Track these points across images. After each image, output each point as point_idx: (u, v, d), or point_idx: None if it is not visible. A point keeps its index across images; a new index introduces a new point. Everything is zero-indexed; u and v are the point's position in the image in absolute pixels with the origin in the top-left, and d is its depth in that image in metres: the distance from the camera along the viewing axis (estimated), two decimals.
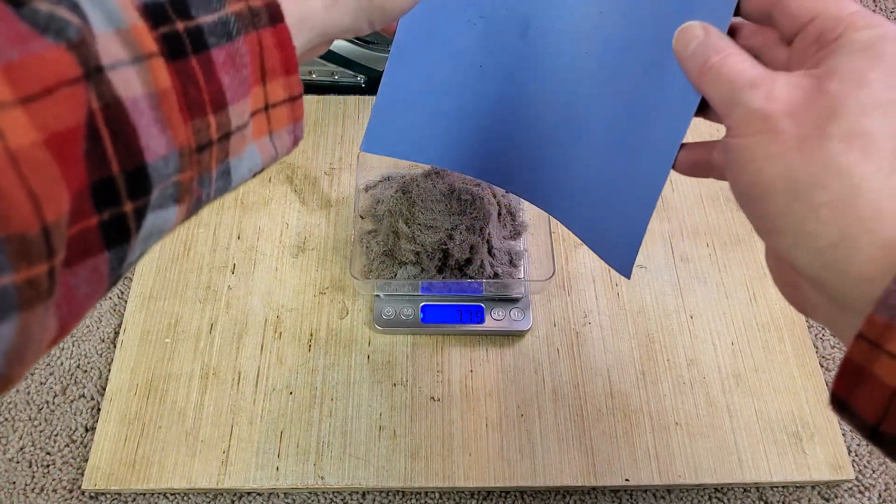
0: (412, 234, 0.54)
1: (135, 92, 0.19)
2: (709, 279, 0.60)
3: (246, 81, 0.23)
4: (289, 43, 0.24)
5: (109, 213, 0.19)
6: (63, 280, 0.19)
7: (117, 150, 0.19)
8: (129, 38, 0.19)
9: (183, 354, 0.56)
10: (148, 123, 0.20)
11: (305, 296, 0.59)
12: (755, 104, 0.25)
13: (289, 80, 0.25)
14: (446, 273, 0.57)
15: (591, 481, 0.51)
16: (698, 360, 0.56)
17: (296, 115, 0.26)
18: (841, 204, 0.22)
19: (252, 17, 0.23)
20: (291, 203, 0.64)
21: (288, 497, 0.52)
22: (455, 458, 0.52)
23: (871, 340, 0.21)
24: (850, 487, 0.53)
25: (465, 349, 0.57)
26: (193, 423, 0.53)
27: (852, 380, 0.22)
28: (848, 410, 0.23)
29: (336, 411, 0.54)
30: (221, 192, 0.25)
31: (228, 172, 0.24)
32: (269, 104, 0.25)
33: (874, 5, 0.82)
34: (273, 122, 0.25)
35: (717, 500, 0.52)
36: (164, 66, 0.20)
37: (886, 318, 0.20)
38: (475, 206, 0.55)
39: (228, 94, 0.22)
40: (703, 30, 0.28)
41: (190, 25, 0.21)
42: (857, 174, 0.22)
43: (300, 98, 0.26)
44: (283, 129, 0.26)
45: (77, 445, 0.53)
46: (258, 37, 0.23)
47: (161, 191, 0.21)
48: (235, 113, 0.23)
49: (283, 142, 0.27)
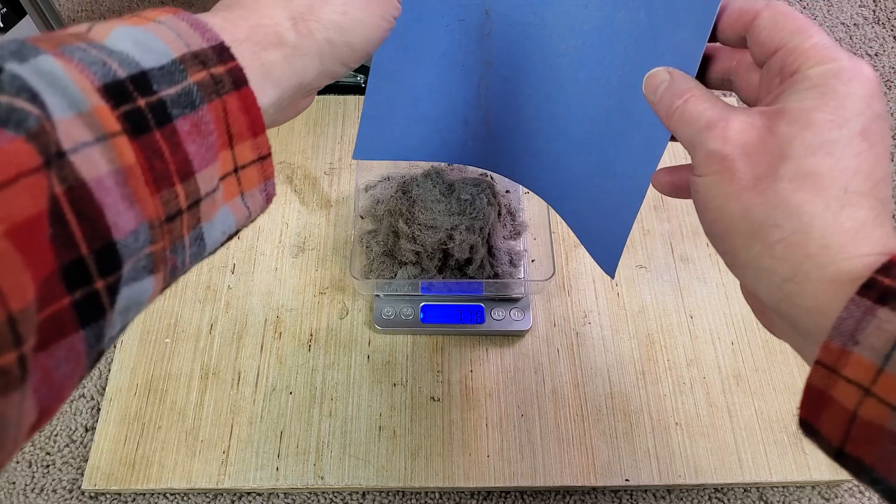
0: (412, 234, 0.54)
1: (99, 171, 0.20)
2: (709, 279, 0.60)
3: (213, 147, 0.23)
4: (254, 105, 0.25)
5: (81, 292, 0.20)
6: (39, 364, 0.19)
7: (84, 230, 0.19)
8: (91, 119, 0.20)
9: (183, 354, 0.56)
10: (114, 201, 0.20)
11: (305, 296, 0.59)
12: (711, 145, 0.26)
13: (256, 141, 0.25)
14: (446, 273, 0.57)
15: (591, 481, 0.51)
16: (698, 360, 0.56)
17: (266, 174, 0.27)
18: (793, 241, 0.24)
19: (215, 84, 0.23)
20: (291, 203, 0.64)
21: (288, 497, 0.52)
22: (455, 458, 0.52)
23: (828, 366, 0.22)
24: (850, 487, 0.53)
25: (465, 349, 0.57)
26: (193, 423, 0.53)
27: (815, 404, 0.23)
28: (815, 434, 0.24)
29: (336, 411, 0.54)
30: (197, 258, 0.25)
31: (202, 237, 0.24)
32: (238, 166, 0.25)
33: (874, 4, 0.82)
34: (243, 182, 0.26)
35: (717, 500, 0.52)
36: (127, 142, 0.20)
37: (839, 344, 0.22)
38: (475, 206, 0.55)
39: (195, 161, 0.22)
40: (669, 74, 0.30)
41: (152, 100, 0.21)
42: (807, 212, 0.23)
43: (269, 157, 0.26)
44: (254, 188, 0.26)
45: (77, 445, 0.53)
46: (223, 103, 0.23)
47: (133, 264, 0.21)
48: (204, 179, 0.23)
49: (255, 201, 0.27)
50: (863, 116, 0.24)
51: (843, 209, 0.23)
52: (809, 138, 0.24)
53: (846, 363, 0.22)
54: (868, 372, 0.21)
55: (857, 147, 0.24)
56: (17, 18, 0.61)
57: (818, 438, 0.24)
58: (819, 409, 0.23)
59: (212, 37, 0.24)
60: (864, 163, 0.24)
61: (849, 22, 0.81)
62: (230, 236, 0.27)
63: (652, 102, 0.30)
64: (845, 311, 0.22)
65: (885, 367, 0.21)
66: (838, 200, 0.23)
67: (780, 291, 0.24)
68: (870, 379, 0.21)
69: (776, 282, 0.24)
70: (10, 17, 0.61)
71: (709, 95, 0.28)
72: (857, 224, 0.23)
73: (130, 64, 0.21)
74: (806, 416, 0.24)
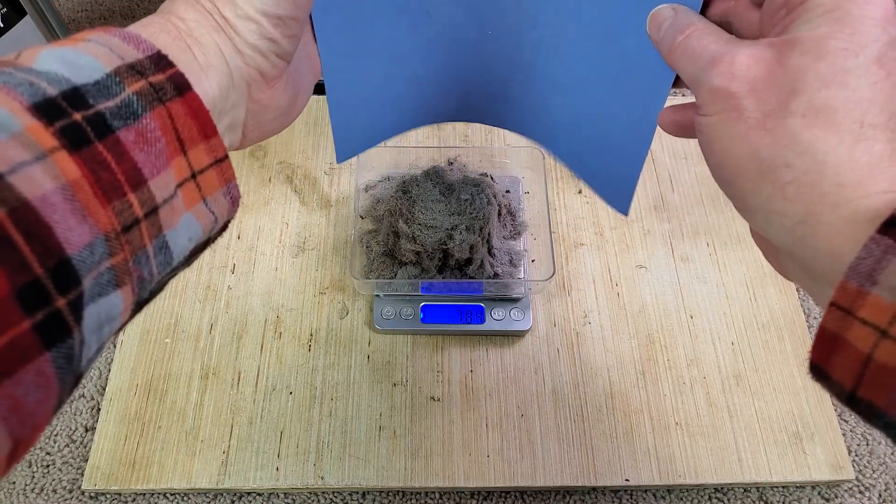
0: (412, 234, 0.54)
1: (43, 189, 0.19)
2: (709, 279, 0.60)
3: (163, 154, 0.23)
4: (201, 109, 0.24)
5: (42, 313, 0.19)
6: (4, 392, 0.19)
7: (35, 249, 0.19)
8: (25, 139, 0.19)
9: (183, 354, 0.56)
10: (63, 216, 0.20)
11: (305, 296, 0.59)
12: (716, 82, 0.25)
13: (210, 145, 0.25)
14: (446, 273, 0.57)
15: (591, 481, 0.51)
16: (698, 360, 0.56)
17: (226, 177, 0.26)
18: (806, 181, 0.23)
19: (156, 92, 0.23)
20: (291, 203, 0.64)
21: (288, 497, 0.52)
22: (455, 458, 0.52)
23: (844, 308, 0.21)
24: (850, 487, 0.53)
25: (465, 349, 0.57)
26: (193, 423, 0.53)
27: (828, 347, 0.22)
28: (826, 378, 0.23)
29: (336, 411, 0.54)
30: (166, 267, 0.25)
31: (166, 246, 0.24)
32: (195, 171, 0.25)
33: None
34: (204, 188, 0.25)
35: (717, 500, 0.52)
36: (68, 157, 0.20)
37: (856, 285, 0.21)
38: (475, 206, 0.55)
39: (145, 170, 0.22)
40: (673, 10, 0.29)
41: (88, 114, 0.21)
42: (821, 150, 0.22)
43: (226, 160, 0.26)
44: (216, 192, 0.26)
45: (77, 445, 0.53)
46: (167, 110, 0.23)
47: (95, 279, 0.21)
48: (158, 186, 0.23)
49: (220, 205, 0.27)
50: (879, 42, 0.22)
51: (858, 144, 0.22)
52: (823, 69, 0.22)
53: (863, 304, 0.21)
54: (885, 314, 0.20)
55: (873, 76, 0.22)
56: (18, 18, 0.61)
57: (829, 383, 0.23)
58: (832, 353, 0.22)
59: (147, 47, 0.24)
60: (880, 93, 0.22)
61: None
62: (201, 245, 0.27)
63: (656, 41, 0.29)
64: (864, 251, 0.21)
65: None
66: (853, 135, 0.22)
67: (794, 235, 0.23)
68: (887, 321, 0.20)
69: (789, 225, 0.23)
70: (11, 16, 0.61)
71: (713, 29, 0.27)
72: (874, 159, 0.22)
73: (60, 81, 0.21)
74: (818, 359, 0.23)
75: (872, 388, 0.21)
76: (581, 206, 0.64)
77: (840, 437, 0.53)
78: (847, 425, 0.55)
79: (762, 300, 0.59)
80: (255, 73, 0.28)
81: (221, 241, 0.62)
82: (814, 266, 0.23)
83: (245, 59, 0.28)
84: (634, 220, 0.63)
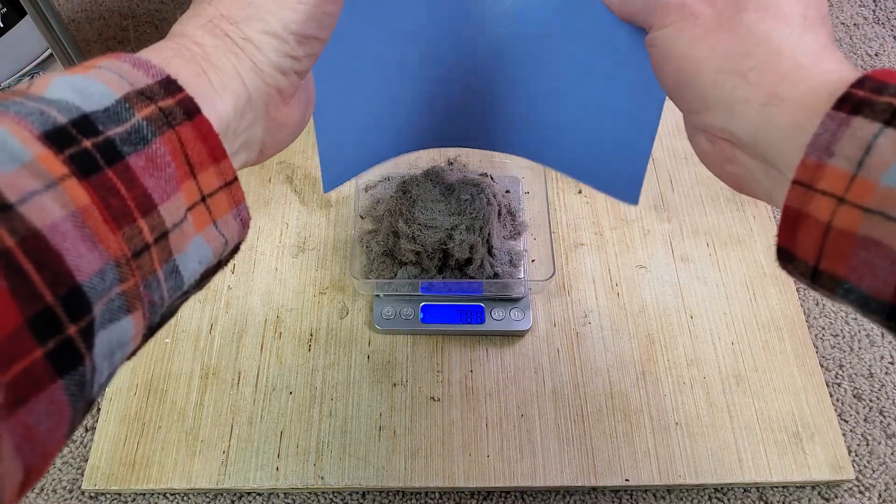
0: (412, 234, 0.54)
1: (53, 217, 0.19)
2: (709, 279, 0.60)
3: (173, 178, 0.23)
4: (210, 132, 0.24)
5: (54, 341, 0.19)
6: (18, 421, 0.19)
7: (45, 278, 0.19)
8: (36, 168, 0.20)
9: (183, 354, 0.56)
10: (74, 244, 0.20)
11: (305, 296, 0.59)
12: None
13: (220, 168, 0.25)
14: (446, 273, 0.57)
15: (591, 481, 0.51)
16: (698, 360, 0.56)
17: (236, 199, 0.26)
18: (766, 66, 0.25)
19: (165, 117, 0.23)
20: (291, 203, 0.64)
21: (288, 497, 0.52)
22: (455, 458, 0.52)
23: (805, 183, 0.23)
24: (850, 487, 0.53)
25: (465, 349, 0.57)
26: (193, 423, 0.53)
27: (791, 226, 0.24)
28: (791, 259, 0.24)
29: (336, 411, 0.54)
30: (177, 292, 0.25)
31: (177, 270, 0.24)
32: (204, 195, 0.25)
33: (874, 4, 0.82)
34: (214, 211, 0.25)
35: (717, 500, 0.52)
36: (77, 184, 0.20)
37: (815, 160, 0.22)
38: (475, 206, 0.55)
39: (155, 195, 0.22)
40: None
41: (98, 140, 0.21)
42: (775, 38, 0.25)
43: (235, 182, 0.26)
44: (226, 215, 0.26)
45: (77, 445, 0.53)
46: (176, 134, 0.23)
47: (105, 305, 0.21)
48: (168, 211, 0.23)
49: (230, 227, 0.27)
50: None
51: (806, 33, 0.25)
52: None
53: (822, 176, 0.22)
54: (842, 181, 0.22)
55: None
56: (18, 18, 0.61)
57: (795, 263, 0.24)
58: (795, 230, 0.24)
59: (156, 72, 0.24)
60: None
61: (849, 22, 0.81)
62: (212, 268, 0.27)
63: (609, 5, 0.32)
64: (821, 127, 0.22)
65: (858, 172, 0.21)
66: (801, 25, 0.25)
67: (758, 119, 0.25)
68: (843, 187, 0.22)
69: (754, 109, 0.25)
70: (11, 16, 0.61)
71: None
72: (820, 45, 0.25)
73: (71, 109, 0.21)
74: (783, 242, 0.24)
75: (832, 257, 0.23)
76: (581, 206, 0.64)
77: (840, 437, 0.53)
78: (847, 425, 0.55)
79: (762, 300, 0.59)
80: (274, 91, 0.29)
81: None
82: (777, 149, 0.25)
83: (264, 77, 0.28)
84: (634, 220, 0.63)
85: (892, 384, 0.57)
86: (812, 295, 0.61)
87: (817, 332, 0.59)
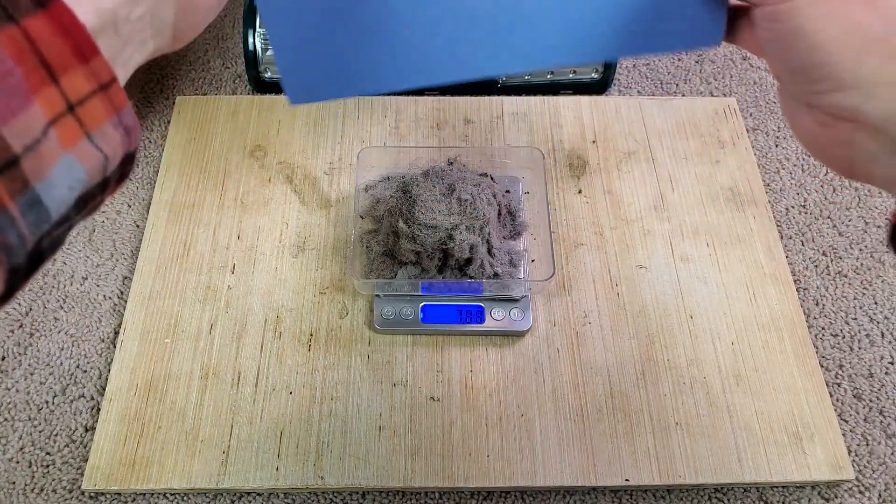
0: (412, 234, 0.54)
1: None
2: (709, 279, 0.60)
3: (20, 89, 0.19)
4: (73, 24, 0.20)
5: None
6: None
7: None
8: None
9: (183, 354, 0.56)
10: None
11: (305, 296, 0.59)
12: None
13: (90, 67, 0.21)
14: (446, 273, 0.57)
15: (591, 481, 0.51)
16: (698, 359, 0.56)
17: (116, 104, 0.22)
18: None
19: (3, 9, 0.19)
20: (291, 203, 0.64)
21: (288, 497, 0.52)
22: (455, 458, 0.52)
23: None
24: (850, 487, 0.53)
25: (465, 349, 0.57)
26: (193, 423, 0.53)
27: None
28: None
29: (336, 411, 0.54)
30: (44, 226, 0.21)
31: (39, 201, 0.20)
32: (72, 103, 0.20)
33: None
34: (86, 121, 0.21)
35: (717, 500, 0.52)
36: None
37: None
38: (475, 206, 0.55)
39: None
40: None
41: None
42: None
43: (114, 83, 0.22)
44: (104, 124, 0.22)
45: (77, 445, 0.53)
46: (21, 31, 0.19)
47: None
48: (15, 132, 0.19)
49: (109, 139, 0.22)
50: None
51: None
52: None
53: None
54: None
55: None
56: None
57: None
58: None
59: None
60: None
61: None
62: (95, 188, 0.23)
63: None
64: None
65: None
66: None
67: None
68: None
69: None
70: None
71: None
72: None
73: None
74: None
75: None
76: (581, 206, 0.64)
77: (840, 437, 0.53)
78: (847, 425, 0.55)
79: (762, 300, 0.59)
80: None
81: (221, 241, 0.62)
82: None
83: None
84: (634, 220, 0.64)
85: (892, 384, 0.57)
86: (812, 295, 0.61)
87: (817, 332, 0.59)
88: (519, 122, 0.70)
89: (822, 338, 0.59)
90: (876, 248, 0.64)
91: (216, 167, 0.66)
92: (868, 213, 0.66)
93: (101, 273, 0.61)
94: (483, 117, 0.70)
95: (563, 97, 0.72)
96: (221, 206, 0.64)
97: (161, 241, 0.62)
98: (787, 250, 0.63)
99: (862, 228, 0.65)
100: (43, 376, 0.56)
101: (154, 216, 0.63)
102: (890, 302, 0.61)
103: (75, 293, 0.60)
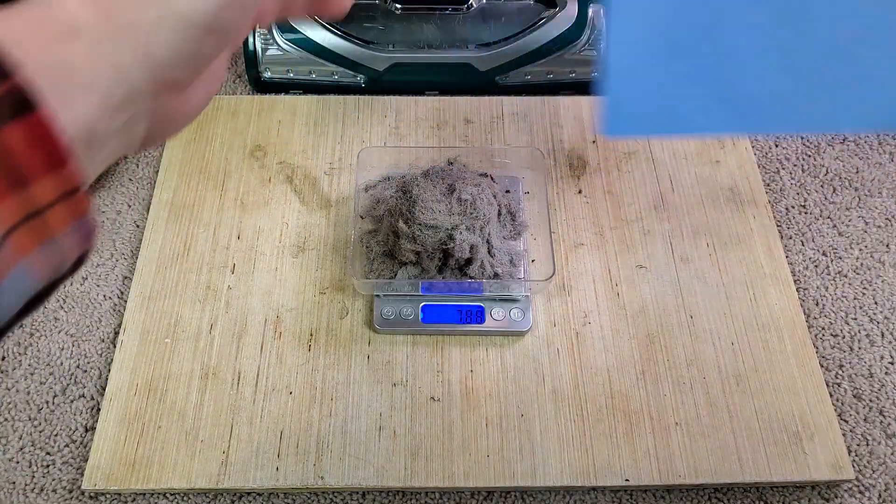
0: (412, 234, 0.54)
1: None
2: (709, 279, 0.60)
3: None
4: (48, 133, 0.19)
5: None
6: None
7: None
8: None
9: (183, 354, 0.56)
10: None
11: (305, 296, 0.59)
12: None
13: (61, 176, 0.19)
14: (446, 273, 0.57)
15: (591, 481, 0.51)
16: (698, 359, 0.56)
17: (79, 210, 0.21)
18: None
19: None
20: (291, 203, 0.64)
21: (288, 497, 0.52)
22: (455, 458, 0.52)
23: None
24: (850, 487, 0.53)
25: (465, 349, 0.57)
26: (193, 423, 0.53)
27: None
28: None
29: (336, 411, 0.54)
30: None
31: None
32: (33, 212, 0.19)
33: None
34: (46, 228, 0.20)
35: (716, 500, 0.52)
36: None
37: None
38: (475, 206, 0.55)
39: None
40: None
41: None
42: None
43: (78, 191, 0.20)
44: (65, 229, 0.21)
45: (77, 445, 0.53)
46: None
47: None
48: None
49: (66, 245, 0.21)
50: None
51: None
52: None
53: None
54: None
55: None
56: None
57: None
58: None
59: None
60: None
61: None
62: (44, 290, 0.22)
63: None
64: None
65: None
66: None
67: None
68: None
69: None
70: None
71: None
72: None
73: None
74: None
75: None
76: (581, 206, 0.64)
77: (840, 437, 0.53)
78: (847, 425, 0.55)
79: (762, 300, 0.59)
80: (167, 84, 0.23)
81: (221, 241, 0.62)
82: None
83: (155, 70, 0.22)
84: (634, 220, 0.64)
85: (892, 384, 0.57)
86: (812, 295, 0.61)
87: (817, 332, 0.59)
88: (519, 122, 0.70)
89: (822, 338, 0.59)
90: (876, 248, 0.64)
91: (216, 167, 0.66)
92: (868, 213, 0.66)
93: (101, 273, 0.61)
94: (483, 117, 0.70)
95: (563, 97, 0.72)
96: (221, 206, 0.64)
97: (161, 241, 0.62)
98: (787, 250, 0.63)
99: (862, 228, 0.65)
100: (43, 376, 0.56)
101: (154, 216, 0.63)
102: (890, 302, 0.61)
103: (75, 293, 0.60)
